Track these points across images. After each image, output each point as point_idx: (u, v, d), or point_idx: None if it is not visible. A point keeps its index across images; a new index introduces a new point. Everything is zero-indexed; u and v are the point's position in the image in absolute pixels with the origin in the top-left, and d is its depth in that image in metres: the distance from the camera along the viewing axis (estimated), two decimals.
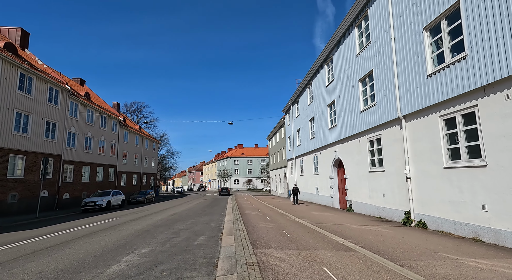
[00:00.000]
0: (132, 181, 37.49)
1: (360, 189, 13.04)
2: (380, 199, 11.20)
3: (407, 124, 9.42)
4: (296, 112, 26.35)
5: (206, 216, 13.49)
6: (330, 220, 10.84)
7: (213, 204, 22.57)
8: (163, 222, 11.36)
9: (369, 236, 7.46)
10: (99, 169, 28.31)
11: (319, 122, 19.09)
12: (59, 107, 21.82)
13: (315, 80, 20.11)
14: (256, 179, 74.21)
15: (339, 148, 15.65)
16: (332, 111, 16.77)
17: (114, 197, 21.02)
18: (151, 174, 45.22)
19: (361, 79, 12.81)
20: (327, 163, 17.66)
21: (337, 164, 16.81)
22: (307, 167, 22.60)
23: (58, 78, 22.67)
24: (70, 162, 23.33)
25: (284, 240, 7.03)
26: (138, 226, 10.39)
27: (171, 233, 8.59)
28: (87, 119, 26.11)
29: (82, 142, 25.09)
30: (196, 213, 15.13)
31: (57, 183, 21.63)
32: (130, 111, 57.39)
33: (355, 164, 13.55)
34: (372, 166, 11.97)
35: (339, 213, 13.48)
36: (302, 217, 12.09)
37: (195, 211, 16.77)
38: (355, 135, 13.46)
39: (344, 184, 15.42)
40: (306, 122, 22.51)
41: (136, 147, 38.87)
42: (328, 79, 17.54)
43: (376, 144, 11.61)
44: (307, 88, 22.30)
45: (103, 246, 6.80)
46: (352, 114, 13.71)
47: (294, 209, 15.75)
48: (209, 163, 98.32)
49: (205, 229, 9.52)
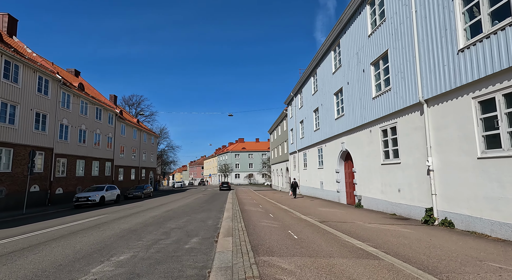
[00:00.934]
0: (130, 175, 36.57)
1: (371, 183, 11.94)
2: (395, 194, 10.10)
3: (429, 109, 8.25)
4: (299, 103, 25.12)
5: (203, 213, 12.47)
6: (340, 218, 9.78)
7: (212, 199, 21.59)
8: (155, 220, 10.33)
9: (390, 237, 6.39)
10: (94, 163, 27.32)
11: (324, 112, 17.90)
12: (49, 97, 20.69)
13: (320, 68, 18.85)
14: (257, 173, 73.30)
15: (347, 140, 14.51)
16: (339, 99, 15.58)
17: (109, 192, 20.04)
18: (150, 169, 44.30)
19: (374, 62, 11.59)
20: (333, 156, 16.55)
21: (344, 157, 15.69)
22: (311, 161, 21.51)
23: (48, 67, 21.48)
24: (63, 156, 22.31)
25: (291, 243, 5.96)
26: (126, 224, 9.36)
27: (161, 234, 7.54)
28: (81, 111, 24.99)
29: (75, 135, 24.03)
30: (193, 209, 14.12)
31: (49, 177, 20.64)
32: (128, 104, 56.21)
33: (365, 156, 12.43)
34: (386, 158, 10.84)
35: (348, 209, 12.42)
36: (307, 213, 11.04)
37: (192, 207, 15.77)
38: (366, 125, 12.30)
39: (352, 178, 14.33)
40: (310, 113, 21.32)
41: (134, 141, 37.82)
42: (334, 66, 16.28)
43: (390, 133, 10.46)
44: (311, 77, 21.04)
45: (76, 251, 5.75)
46: (362, 101, 12.52)
47: (298, 205, 14.71)
48: (210, 158, 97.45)
49: (200, 228, 8.48)
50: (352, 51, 13.62)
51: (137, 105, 57.25)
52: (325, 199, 18.01)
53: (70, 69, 31.54)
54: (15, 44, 20.68)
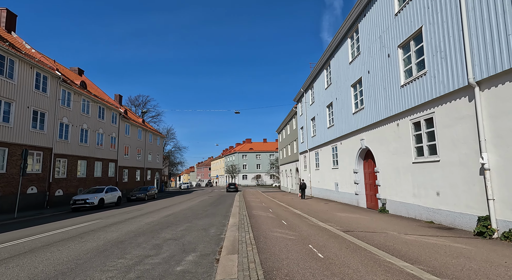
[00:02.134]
0: (135, 176, 35.62)
1: (398, 185, 10.32)
2: (432, 198, 8.48)
3: (483, 93, 6.63)
4: (310, 99, 23.55)
5: (207, 218, 11.07)
6: (366, 226, 8.22)
7: (218, 202, 20.22)
8: (150, 227, 8.98)
9: (445, 257, 4.83)
10: (97, 164, 26.37)
11: (340, 107, 16.31)
12: (48, 95, 19.75)
13: (334, 59, 17.27)
14: (265, 174, 71.74)
15: (367, 136, 12.90)
16: (358, 91, 13.98)
17: (109, 194, 18.90)
18: (156, 170, 43.37)
19: (402, 45, 9.98)
20: (351, 155, 14.94)
21: (363, 155, 14.07)
22: (324, 160, 19.90)
23: (47, 63, 20.59)
24: (63, 156, 21.36)
25: (317, 266, 4.48)
26: (115, 233, 8.04)
27: (151, 247, 6.16)
28: (82, 110, 24.07)
29: (76, 134, 23.09)
30: (196, 214, 12.75)
31: (48, 178, 19.68)
32: (134, 104, 55.56)
33: (391, 153, 10.81)
34: (419, 155, 9.22)
35: (371, 214, 10.82)
36: (326, 220, 9.51)
37: (195, 210, 14.41)
38: (392, 118, 10.69)
39: (374, 179, 12.71)
40: (323, 108, 19.73)
41: (139, 141, 36.89)
42: (352, 54, 14.71)
43: (425, 126, 8.84)
44: (324, 70, 19.47)
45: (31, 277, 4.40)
46: (387, 91, 10.92)
47: (312, 209, 13.17)
48: (217, 159, 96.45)
49: (200, 239, 7.07)
50: (373, 35, 12.04)
51: (143, 105, 56.54)
52: (341, 202, 16.39)
53: (74, 68, 30.84)
54: (13, 39, 19.86)
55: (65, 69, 27.44)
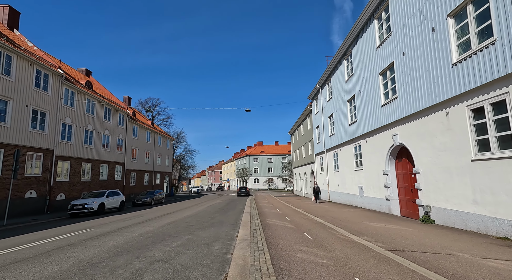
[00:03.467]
0: (143, 180, 34.47)
1: (449, 189, 8.24)
2: (504, 207, 6.39)
3: None
4: (327, 95, 21.57)
5: (212, 228, 9.31)
6: (417, 243, 6.22)
7: (227, 208, 18.46)
8: (141, 241, 7.30)
9: None
10: (103, 167, 25.28)
11: (365, 99, 14.31)
12: (49, 94, 18.76)
13: (356, 46, 15.32)
14: (277, 178, 69.55)
15: (402, 130, 10.85)
16: (388, 79, 11.97)
17: (110, 198, 17.53)
18: (165, 173, 42.24)
19: (454, 12, 7.98)
20: (379, 154, 12.88)
21: (395, 154, 12.00)
22: (345, 161, 17.83)
23: (49, 61, 19.68)
24: (66, 158, 20.28)
25: None
26: (94, 249, 6.40)
27: (128, 276, 4.44)
28: (87, 110, 23.06)
29: (80, 135, 22.05)
30: (201, 222, 11.02)
31: (48, 181, 18.57)
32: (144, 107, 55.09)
33: (437, 150, 8.75)
34: (482, 150, 7.15)
35: (412, 225, 8.75)
36: (359, 232, 7.55)
37: (201, 217, 12.70)
38: (438, 106, 8.66)
39: (411, 182, 10.62)
40: (343, 104, 17.73)
41: (148, 143, 35.83)
42: (380, 37, 12.74)
43: (491, 112, 6.80)
44: (344, 61, 17.51)
45: None
46: (431, 74, 8.91)
47: (336, 217, 11.18)
48: (228, 162, 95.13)
49: (199, 261, 5.31)
50: (410, 9, 10.07)
51: (154, 108, 55.99)
52: (367, 208, 14.27)
53: (81, 69, 30.20)
54: (15, 36, 19.08)
55: (71, 69, 26.71)
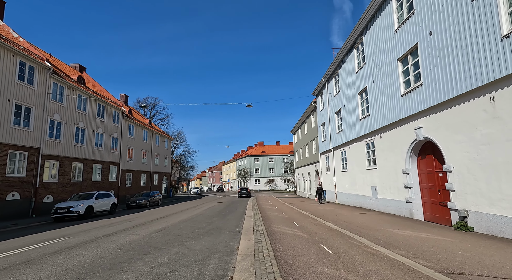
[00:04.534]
0: (140, 181, 33.07)
1: (495, 191, 6.82)
2: None
3: None
4: (334, 89, 20.17)
5: (208, 237, 7.89)
6: (474, 261, 4.81)
7: (227, 210, 17.04)
8: (117, 256, 5.87)
9: None
10: (96, 167, 23.89)
11: (380, 90, 12.91)
12: (35, 87, 17.39)
13: (369, 33, 13.93)
14: (279, 179, 68.15)
15: (428, 122, 9.44)
16: (410, 65, 10.56)
17: (99, 200, 16.10)
18: (163, 174, 40.82)
19: None
20: (398, 150, 11.46)
21: (417, 151, 10.58)
22: (355, 160, 16.41)
23: (35, 52, 18.33)
24: (54, 157, 18.90)
25: None
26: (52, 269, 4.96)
27: None
28: (78, 106, 21.69)
29: (71, 133, 20.67)
30: (196, 229, 9.60)
31: (34, 182, 17.18)
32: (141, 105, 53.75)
33: (479, 144, 7.33)
34: None
35: (446, 233, 7.33)
36: (388, 244, 6.13)
37: (197, 222, 11.29)
38: (480, 90, 7.25)
39: (439, 182, 9.21)
40: (353, 97, 16.33)
41: (145, 143, 34.43)
42: (398, 19, 11.34)
43: None
44: (354, 50, 16.11)
45: None
46: (470, 52, 7.51)
47: (350, 222, 9.76)
48: (229, 163, 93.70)
49: None
50: None
51: (152, 107, 54.59)
52: (382, 211, 12.85)
53: (74, 64, 28.84)
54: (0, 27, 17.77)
55: (63, 64, 25.35)
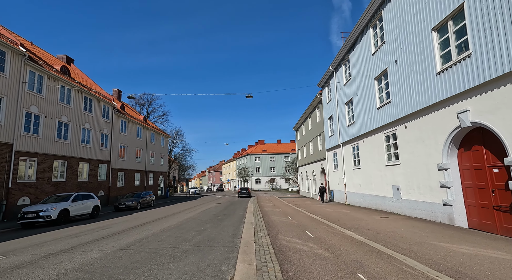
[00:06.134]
0: (134, 180, 31.01)
1: None
2: None
3: None
4: (344, 77, 18.09)
5: (192, 257, 5.83)
6: None
7: (225, 214, 14.97)
8: None
9: None
10: (83, 165, 21.85)
11: (404, 71, 10.83)
12: (7, 75, 15.35)
13: (390, 5, 11.84)
14: (280, 178, 66.08)
15: (478, 104, 7.36)
16: (450, 33, 8.46)
17: (77, 203, 14.02)
18: (160, 173, 38.76)
19: None
20: (431, 141, 9.40)
21: (459, 141, 8.51)
22: (370, 155, 14.35)
23: (8, 36, 16.28)
24: (31, 155, 16.85)
25: None
26: None
27: None
28: (61, 98, 19.64)
29: (52, 128, 18.62)
30: (180, 241, 7.53)
31: (5, 183, 15.13)
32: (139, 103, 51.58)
33: None
34: None
35: None
36: (456, 270, 4.08)
37: (185, 230, 9.22)
38: None
39: (495, 180, 7.14)
40: (368, 84, 14.26)
41: (139, 140, 32.37)
42: None
43: None
44: (369, 29, 14.02)
45: None
46: None
47: (377, 229, 7.71)
48: (229, 162, 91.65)
49: None
50: None
51: (149, 104, 52.44)
52: (407, 215, 10.78)
53: (61, 55, 26.83)
54: None
55: (46, 54, 23.32)
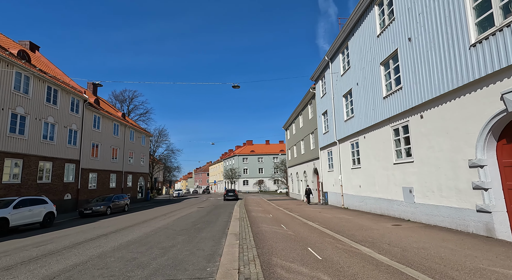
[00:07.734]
0: (109, 182, 28.09)
1: None
2: None
3: None
4: (342, 66, 16.33)
5: None
6: None
7: (205, 221, 12.72)
8: None
9: None
10: (44, 165, 18.99)
11: (420, 51, 9.07)
12: None
13: None
14: (269, 179, 64.05)
15: None
16: None
17: (21, 210, 11.35)
18: (139, 174, 35.82)
19: None
20: (459, 132, 7.63)
21: (498, 131, 6.75)
22: (372, 153, 12.56)
23: None
24: None
25: None
26: None
27: None
28: (15, 86, 16.82)
29: (2, 121, 15.79)
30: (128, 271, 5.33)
31: None
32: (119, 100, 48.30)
33: None
34: None
35: None
36: None
37: (146, 249, 6.97)
38: None
39: None
40: (371, 70, 12.50)
41: (115, 138, 29.48)
42: None
43: None
44: (373, 8, 12.28)
45: None
46: None
47: (399, 244, 5.82)
48: (216, 163, 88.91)
49: None
50: None
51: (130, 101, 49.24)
52: (424, 222, 8.98)
53: (23, 41, 23.79)
54: None
55: (5, 38, 20.31)
